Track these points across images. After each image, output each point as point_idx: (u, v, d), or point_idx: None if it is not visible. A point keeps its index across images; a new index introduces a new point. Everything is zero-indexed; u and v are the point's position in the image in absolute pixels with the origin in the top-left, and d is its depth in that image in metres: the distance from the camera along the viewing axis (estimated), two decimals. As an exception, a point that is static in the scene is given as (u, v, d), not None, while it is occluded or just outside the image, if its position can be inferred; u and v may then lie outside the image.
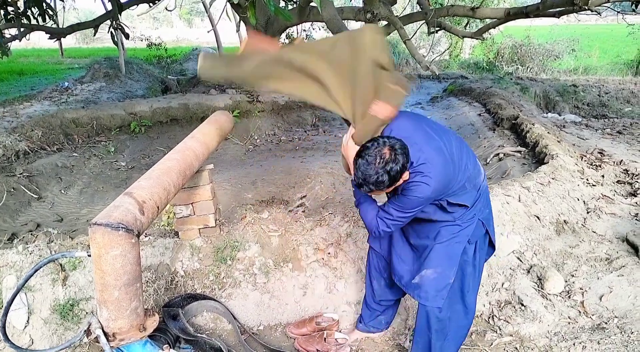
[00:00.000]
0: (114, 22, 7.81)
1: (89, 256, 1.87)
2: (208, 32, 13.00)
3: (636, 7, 6.45)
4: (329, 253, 3.23)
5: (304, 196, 5.00)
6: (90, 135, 6.64)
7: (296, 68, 2.03)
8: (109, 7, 8.65)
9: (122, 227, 1.80)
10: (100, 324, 1.87)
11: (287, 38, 12.26)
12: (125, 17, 8.41)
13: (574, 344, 2.64)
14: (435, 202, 2.12)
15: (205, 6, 13.49)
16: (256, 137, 7.45)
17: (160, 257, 3.00)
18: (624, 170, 4.91)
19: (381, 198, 2.24)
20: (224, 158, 6.58)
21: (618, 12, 9.17)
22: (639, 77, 12.45)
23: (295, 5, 7.67)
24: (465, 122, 7.80)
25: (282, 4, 8.44)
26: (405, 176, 1.97)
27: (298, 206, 4.61)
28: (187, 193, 2.93)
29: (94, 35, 8.74)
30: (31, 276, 1.94)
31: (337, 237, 3.30)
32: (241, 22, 8.25)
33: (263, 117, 7.84)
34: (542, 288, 3.09)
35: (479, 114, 7.96)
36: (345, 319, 3.05)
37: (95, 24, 7.78)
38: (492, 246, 2.48)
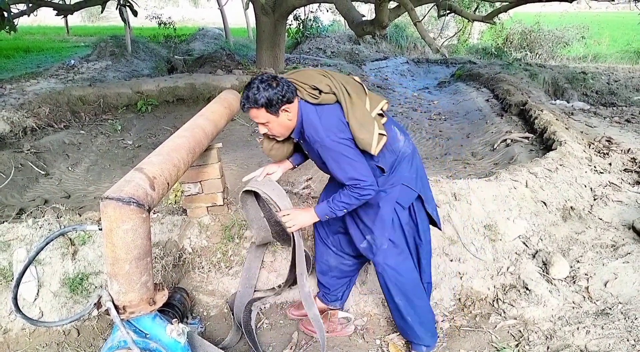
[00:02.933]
0: (122, -1, 7.75)
1: (100, 229, 1.88)
2: (218, 8, 12.89)
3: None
4: (335, 234, 3.24)
5: (309, 178, 5.01)
6: (97, 113, 6.65)
7: None
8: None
9: (133, 202, 1.81)
10: (111, 297, 1.89)
11: (294, 19, 12.16)
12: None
13: (577, 329, 2.66)
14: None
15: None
16: (262, 119, 7.43)
17: (169, 234, 3.03)
18: (631, 158, 4.88)
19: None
20: (230, 139, 6.57)
21: (631, -2, 9.01)
22: (650, 65, 12.31)
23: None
24: (473, 107, 7.75)
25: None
26: (288, 109, 2.16)
27: (304, 188, 4.61)
28: (195, 171, 2.94)
29: (102, 12, 8.68)
30: (42, 248, 1.96)
31: (344, 218, 3.31)
32: (249, 2, 8.17)
33: (269, 99, 7.79)
34: (547, 273, 3.10)
35: (487, 100, 7.91)
36: (350, 298, 3.08)
37: (103, 0, 7.72)
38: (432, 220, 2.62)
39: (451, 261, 3.22)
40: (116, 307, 1.88)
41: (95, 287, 2.76)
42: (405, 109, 8.27)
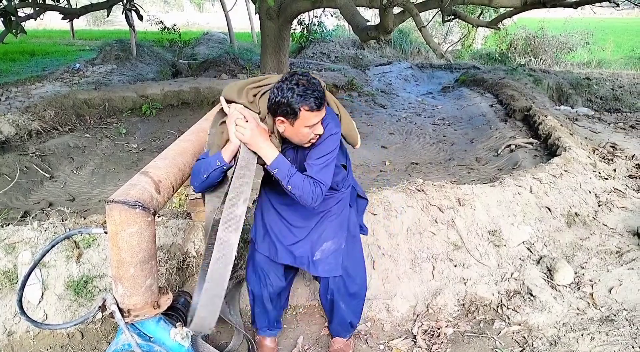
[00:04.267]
0: (129, 3, 7.80)
1: (106, 232, 1.89)
2: (224, 13, 12.95)
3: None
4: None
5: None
6: (102, 117, 6.68)
7: None
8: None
9: (139, 205, 1.82)
10: (116, 300, 1.89)
11: (298, 24, 12.19)
12: (137, -1, 8.39)
13: (582, 335, 2.65)
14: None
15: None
16: (266, 123, 7.45)
17: (173, 238, 3.03)
18: (636, 164, 4.87)
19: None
20: (234, 143, 6.60)
21: (635, 4, 9.01)
22: (654, 71, 12.28)
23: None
24: (477, 112, 7.75)
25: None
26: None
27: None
28: (200, 175, 2.94)
29: (107, 16, 8.74)
30: (48, 251, 1.97)
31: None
32: (257, 7, 8.20)
33: (273, 103, 7.82)
34: (551, 279, 3.09)
35: (491, 105, 7.91)
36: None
37: (109, 4, 7.77)
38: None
39: (455, 266, 3.21)
40: (121, 310, 1.89)
41: (100, 290, 2.77)
42: (409, 114, 8.28)
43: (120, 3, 8.07)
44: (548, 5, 6.16)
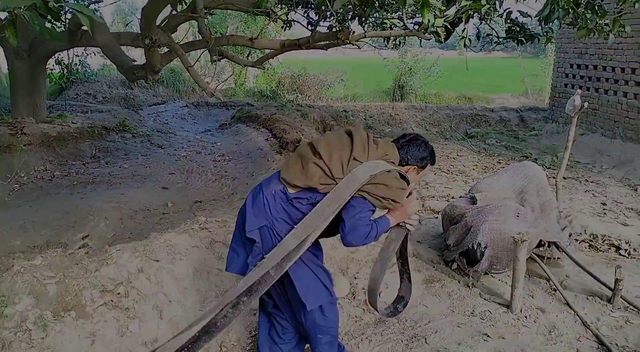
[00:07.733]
0: None
1: None
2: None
3: (388, 43, 7.63)
4: (118, 293, 2.98)
5: (86, 236, 4.57)
6: None
7: None
8: None
9: None
10: None
11: (57, 63, 11.12)
12: None
13: (361, 340, 2.94)
14: None
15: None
16: (23, 175, 6.50)
17: None
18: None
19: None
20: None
21: (374, 47, 10.67)
22: (395, 102, 14.65)
23: (64, 28, 7.02)
24: (255, 146, 8.11)
25: (48, 25, 7.63)
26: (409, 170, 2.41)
27: (80, 248, 4.19)
28: None
29: None
30: None
31: (127, 274, 3.08)
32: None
33: (30, 152, 6.89)
34: (332, 294, 3.36)
35: (266, 139, 8.36)
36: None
37: None
38: None
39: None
40: None
41: None
42: (189, 153, 8.21)
43: None
44: (303, 47, 6.85)
